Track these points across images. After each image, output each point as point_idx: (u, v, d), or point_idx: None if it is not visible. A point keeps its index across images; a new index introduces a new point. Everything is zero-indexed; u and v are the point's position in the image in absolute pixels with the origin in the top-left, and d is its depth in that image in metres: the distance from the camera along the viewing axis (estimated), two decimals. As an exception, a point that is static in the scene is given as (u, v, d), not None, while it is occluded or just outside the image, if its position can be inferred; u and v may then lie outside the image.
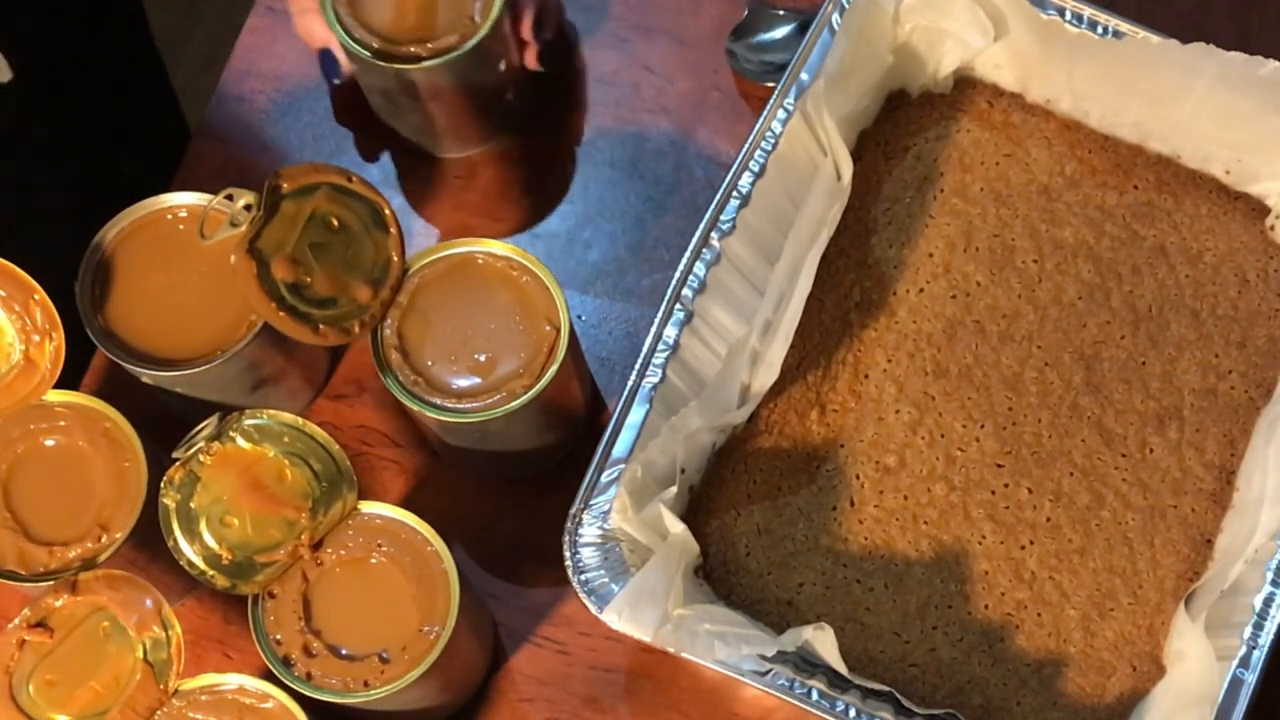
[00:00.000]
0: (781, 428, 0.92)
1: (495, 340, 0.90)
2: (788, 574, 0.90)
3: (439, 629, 0.86)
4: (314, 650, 0.86)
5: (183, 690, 0.86)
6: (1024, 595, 0.90)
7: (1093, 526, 0.91)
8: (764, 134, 0.93)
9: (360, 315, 0.90)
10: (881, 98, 0.98)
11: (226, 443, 0.87)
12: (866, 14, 0.94)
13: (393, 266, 0.91)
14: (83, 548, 0.88)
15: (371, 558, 0.87)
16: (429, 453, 1.00)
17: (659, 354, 0.90)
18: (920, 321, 0.94)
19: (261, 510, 0.87)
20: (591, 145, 1.06)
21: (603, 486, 0.87)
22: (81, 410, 0.90)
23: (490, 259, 0.92)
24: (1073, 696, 0.88)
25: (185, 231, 0.93)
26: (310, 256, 0.89)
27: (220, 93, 1.08)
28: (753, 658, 0.85)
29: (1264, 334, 0.94)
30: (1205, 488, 0.91)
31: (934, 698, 0.88)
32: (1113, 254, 0.95)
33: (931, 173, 0.97)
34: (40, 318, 0.88)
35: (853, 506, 0.91)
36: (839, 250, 0.95)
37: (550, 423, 0.94)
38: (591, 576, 0.86)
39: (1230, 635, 0.86)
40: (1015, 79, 0.98)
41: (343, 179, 0.90)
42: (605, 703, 0.96)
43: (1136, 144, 0.97)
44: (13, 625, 0.85)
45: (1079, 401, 0.93)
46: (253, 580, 0.87)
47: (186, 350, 0.91)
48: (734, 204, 0.92)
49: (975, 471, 0.91)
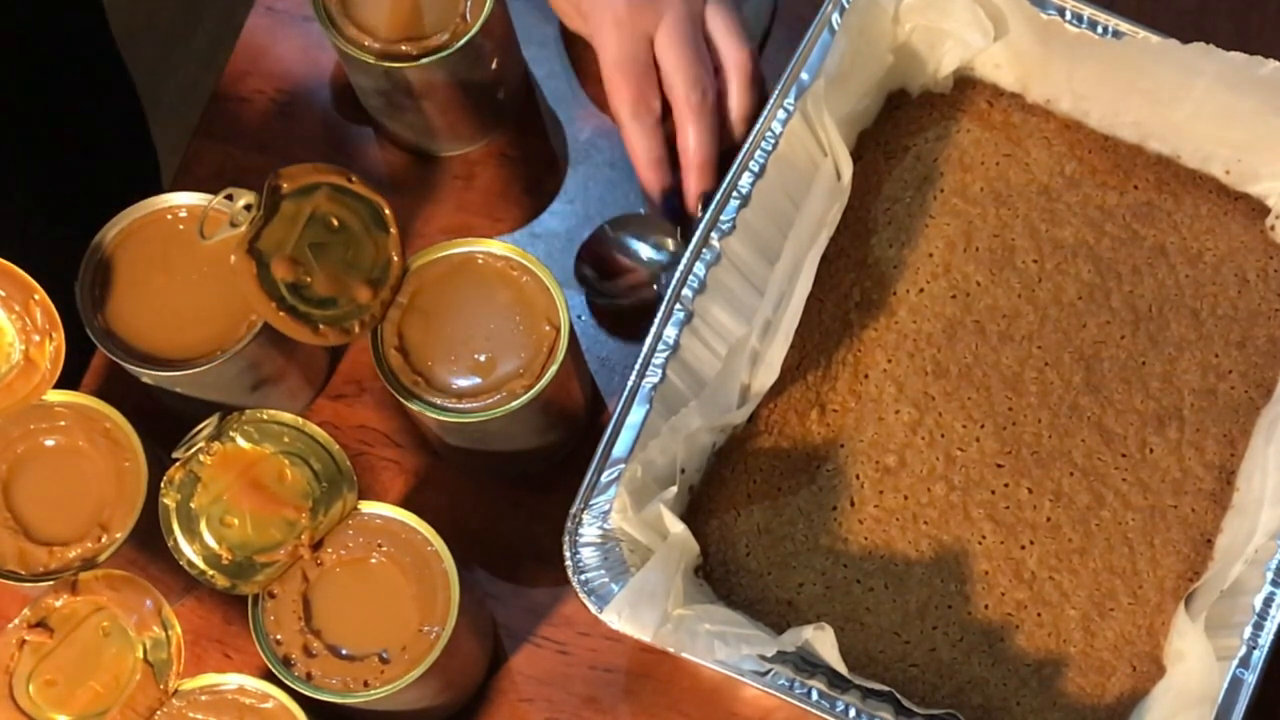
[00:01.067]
0: (781, 428, 0.92)
1: (495, 340, 0.90)
2: (788, 574, 0.90)
3: (439, 629, 0.86)
4: (314, 650, 0.86)
5: (183, 690, 0.86)
6: (1024, 595, 0.90)
7: (1093, 526, 0.91)
8: (764, 134, 0.93)
9: (360, 315, 0.90)
10: (881, 98, 0.98)
11: (226, 443, 0.87)
12: (866, 14, 0.94)
13: (393, 266, 0.91)
14: (83, 548, 0.88)
15: (371, 558, 0.87)
16: (429, 453, 1.00)
17: (659, 354, 0.90)
18: (920, 321, 0.94)
19: (261, 510, 0.87)
20: (591, 145, 1.06)
21: (603, 486, 0.88)
22: (81, 410, 0.90)
23: (490, 259, 0.92)
24: (1073, 696, 0.88)
25: (185, 231, 0.93)
26: (310, 256, 0.89)
27: (220, 93, 1.08)
28: (753, 658, 0.85)
29: (1264, 334, 0.94)
30: (1205, 488, 0.91)
31: (934, 698, 0.88)
32: (1113, 254, 0.95)
33: (931, 173, 0.97)
34: (40, 318, 0.88)
35: (853, 506, 0.91)
36: (839, 250, 0.95)
37: (550, 423, 0.94)
38: (591, 576, 0.87)
39: (1230, 635, 0.86)
40: (1015, 79, 0.98)
41: (343, 179, 0.90)
42: (605, 703, 0.96)
43: (1136, 144, 0.97)
44: (13, 625, 0.85)
45: (1079, 401, 0.93)
46: (253, 580, 0.87)
47: (186, 350, 0.91)
48: (734, 204, 0.92)
49: (975, 471, 0.91)
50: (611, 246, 1.01)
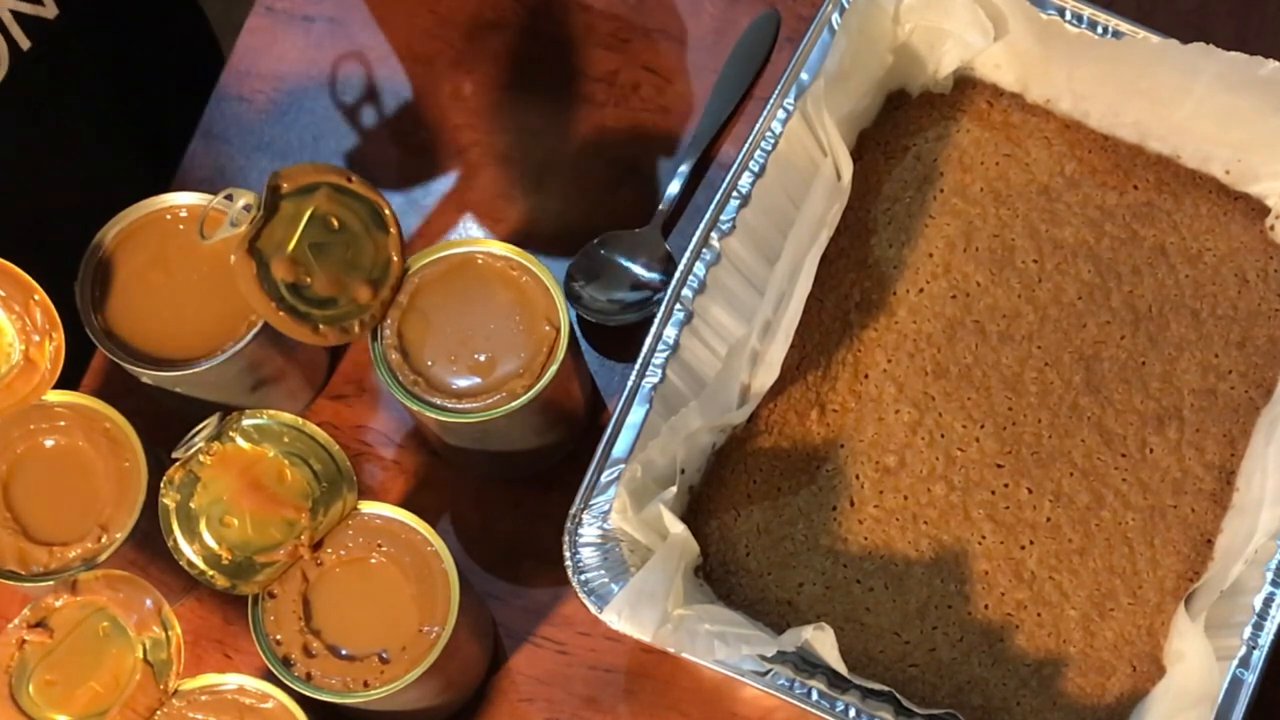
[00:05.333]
0: (781, 428, 0.92)
1: (495, 340, 0.90)
2: (788, 574, 0.90)
3: (439, 629, 0.86)
4: (314, 650, 0.86)
5: (183, 690, 0.86)
6: (1024, 595, 0.90)
7: (1093, 526, 0.91)
8: (764, 134, 0.93)
9: (360, 315, 0.90)
10: (881, 98, 0.98)
11: (226, 443, 0.87)
12: (866, 14, 0.94)
13: (393, 266, 0.91)
14: (83, 548, 0.88)
15: (371, 558, 0.87)
16: (429, 453, 1.00)
17: (659, 354, 0.90)
18: (920, 321, 0.94)
19: (261, 510, 0.87)
20: (591, 145, 1.06)
21: (603, 486, 0.88)
22: (81, 410, 0.90)
23: (490, 259, 0.92)
24: (1073, 696, 0.88)
25: (185, 231, 0.93)
26: (310, 256, 0.89)
27: (220, 93, 1.08)
28: (753, 658, 0.85)
29: (1264, 334, 0.94)
30: (1205, 488, 0.91)
31: (934, 698, 0.88)
32: (1113, 254, 0.95)
33: (931, 173, 0.97)
34: (40, 318, 0.88)
35: (853, 506, 0.91)
36: (839, 250, 0.95)
37: (550, 423, 0.94)
38: (591, 576, 0.87)
39: (1230, 635, 0.86)
40: (1015, 79, 0.98)
41: (342, 179, 0.90)
42: (605, 703, 0.96)
43: (1136, 144, 0.97)
44: (13, 625, 0.85)
45: (1079, 401, 0.93)
46: (253, 580, 0.87)
47: (186, 350, 0.92)
48: (734, 204, 0.92)
49: (975, 471, 0.91)
50: (602, 264, 1.01)
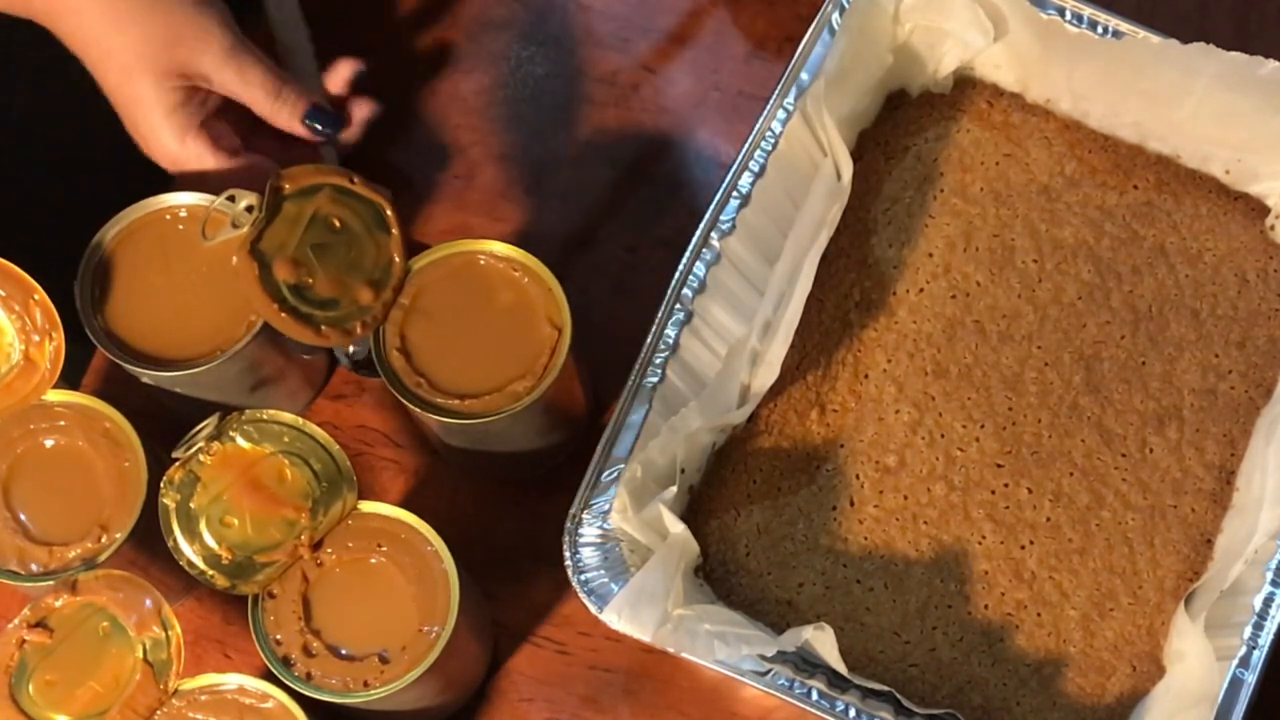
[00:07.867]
0: (781, 428, 0.92)
1: (497, 341, 0.90)
2: (788, 574, 0.90)
3: (439, 629, 0.86)
4: (314, 650, 0.86)
5: (183, 690, 0.86)
6: (1024, 595, 0.90)
7: (1093, 526, 0.91)
8: (764, 134, 0.93)
9: (362, 316, 0.90)
10: (881, 98, 0.98)
11: (226, 443, 0.87)
12: (866, 14, 0.94)
13: (394, 267, 0.91)
14: (83, 548, 0.88)
15: (371, 558, 0.87)
16: (429, 453, 1.00)
17: (659, 354, 0.90)
18: (920, 321, 0.94)
19: (261, 510, 0.87)
20: (591, 145, 1.06)
21: (603, 486, 0.88)
22: (81, 410, 0.90)
23: (492, 260, 0.92)
24: (1073, 696, 0.88)
25: (185, 231, 0.93)
26: (312, 258, 0.89)
27: (220, 92, 1.08)
28: (753, 658, 0.85)
29: (1264, 334, 0.94)
30: (1205, 488, 0.91)
31: (934, 698, 0.88)
32: (1113, 254, 0.95)
33: (931, 173, 0.97)
34: (40, 318, 0.88)
35: (853, 506, 0.91)
36: (839, 250, 0.95)
37: (552, 423, 0.94)
38: (591, 576, 0.87)
39: (1230, 635, 0.86)
40: (1015, 79, 0.98)
41: (344, 180, 0.90)
42: (605, 703, 0.96)
43: (1136, 144, 0.97)
44: (13, 625, 0.85)
45: (1079, 401, 0.93)
46: (253, 580, 0.87)
47: (186, 350, 0.91)
48: (734, 204, 0.92)
49: (975, 471, 0.91)
50: None
